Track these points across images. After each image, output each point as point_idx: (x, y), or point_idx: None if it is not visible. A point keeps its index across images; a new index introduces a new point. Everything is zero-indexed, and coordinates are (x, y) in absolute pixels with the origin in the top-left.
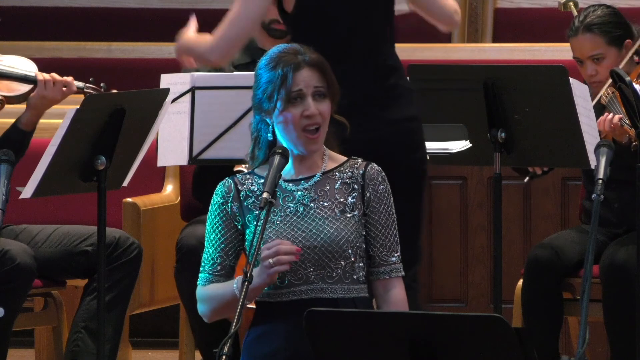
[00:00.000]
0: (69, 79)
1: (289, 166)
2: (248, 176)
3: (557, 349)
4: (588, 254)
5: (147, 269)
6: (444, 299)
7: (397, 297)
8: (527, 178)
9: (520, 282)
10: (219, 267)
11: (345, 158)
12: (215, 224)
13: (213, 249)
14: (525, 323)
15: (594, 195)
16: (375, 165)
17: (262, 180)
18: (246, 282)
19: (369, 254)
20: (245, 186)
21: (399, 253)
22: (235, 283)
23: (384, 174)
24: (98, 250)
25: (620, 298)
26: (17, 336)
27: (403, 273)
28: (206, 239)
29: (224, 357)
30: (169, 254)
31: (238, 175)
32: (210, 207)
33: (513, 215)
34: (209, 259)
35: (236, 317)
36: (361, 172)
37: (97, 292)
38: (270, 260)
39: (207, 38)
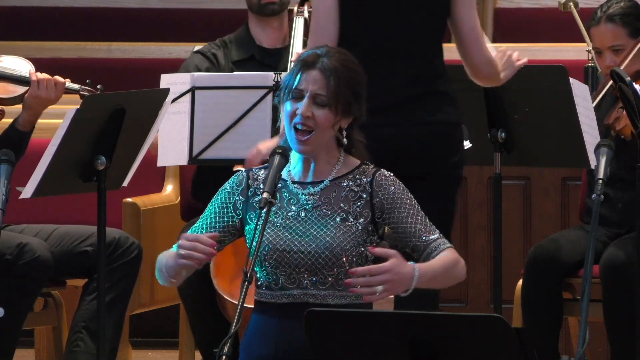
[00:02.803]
0: (59, 78)
1: (298, 166)
2: (263, 171)
3: (557, 349)
4: (588, 254)
5: (147, 269)
6: (444, 299)
7: (440, 255)
8: None
9: (520, 282)
10: None
11: (358, 162)
12: (213, 205)
13: (200, 225)
14: (525, 323)
15: (594, 195)
16: (383, 171)
17: None
18: (246, 282)
19: (412, 249)
20: (256, 182)
21: (437, 231)
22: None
23: (392, 177)
24: (98, 250)
25: (620, 298)
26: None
27: (450, 244)
28: (202, 215)
29: (224, 357)
30: None
31: (254, 169)
32: (219, 190)
33: (513, 215)
34: (192, 230)
35: (236, 317)
36: (369, 179)
37: (97, 292)
38: (182, 252)
39: None
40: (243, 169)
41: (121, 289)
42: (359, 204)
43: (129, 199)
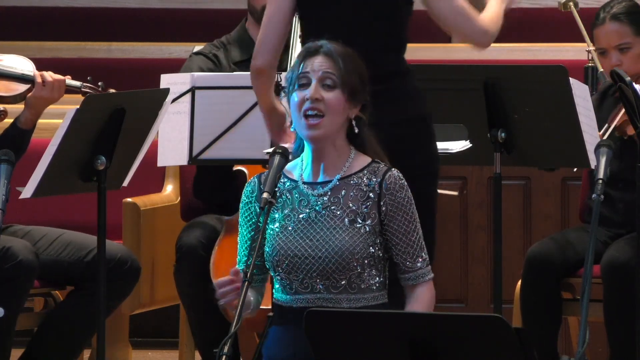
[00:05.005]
0: (62, 78)
1: (308, 167)
2: None
3: (556, 349)
4: (588, 254)
5: (148, 269)
6: (444, 299)
7: (419, 295)
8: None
9: (520, 282)
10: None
11: (369, 160)
12: (242, 222)
13: (240, 247)
14: (524, 323)
15: (594, 195)
16: (394, 172)
17: (284, 180)
18: (246, 282)
19: (393, 261)
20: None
21: (424, 257)
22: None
23: (403, 181)
24: (98, 250)
25: (621, 298)
26: (17, 336)
27: (431, 276)
28: (238, 237)
29: (224, 357)
30: (168, 254)
31: (265, 173)
32: (240, 204)
33: (513, 215)
34: (240, 256)
35: (236, 317)
36: (378, 180)
37: (97, 295)
38: (221, 302)
39: None
40: (256, 175)
41: (108, 306)
42: (367, 204)
43: (129, 199)
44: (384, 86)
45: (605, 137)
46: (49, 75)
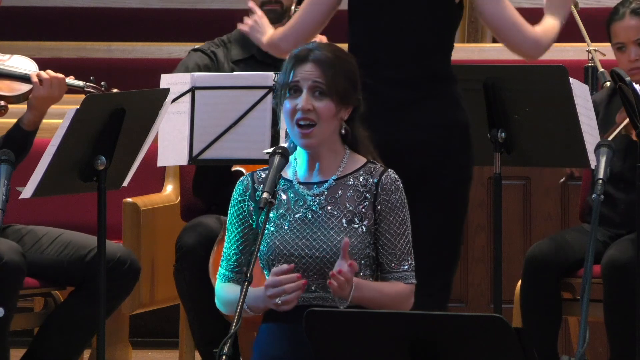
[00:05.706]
0: (60, 76)
1: (303, 166)
2: (266, 173)
3: (556, 349)
4: (588, 254)
5: (147, 269)
6: None
7: (394, 283)
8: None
9: (520, 281)
10: (235, 264)
11: (364, 160)
12: (232, 221)
13: (229, 245)
14: (524, 322)
15: (594, 195)
16: (391, 173)
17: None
18: (246, 282)
19: (379, 261)
20: (262, 185)
21: (410, 262)
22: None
23: (398, 182)
24: (98, 251)
25: (621, 298)
26: (17, 336)
27: (414, 281)
28: (226, 235)
29: (224, 357)
30: (169, 254)
31: (258, 171)
32: (230, 202)
33: (513, 215)
34: (227, 255)
35: (236, 317)
36: (375, 180)
37: (97, 296)
38: (278, 301)
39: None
40: (248, 174)
41: (109, 306)
42: (364, 204)
43: (129, 199)
44: (431, 87)
45: (612, 137)
46: (46, 73)
